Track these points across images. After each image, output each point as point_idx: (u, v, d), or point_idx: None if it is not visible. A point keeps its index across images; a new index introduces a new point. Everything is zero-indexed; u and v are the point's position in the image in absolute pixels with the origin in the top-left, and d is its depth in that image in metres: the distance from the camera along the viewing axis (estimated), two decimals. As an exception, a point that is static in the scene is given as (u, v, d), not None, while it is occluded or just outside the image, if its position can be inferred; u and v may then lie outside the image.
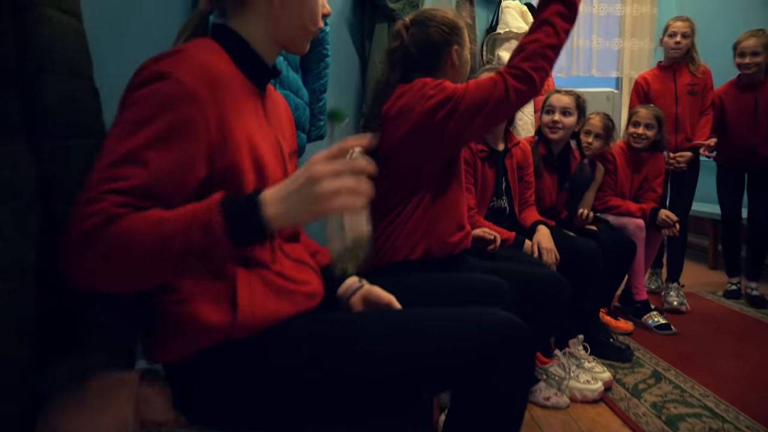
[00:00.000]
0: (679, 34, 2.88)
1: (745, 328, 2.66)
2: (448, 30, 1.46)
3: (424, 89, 1.34)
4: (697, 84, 2.90)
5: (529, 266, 1.52)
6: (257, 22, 0.93)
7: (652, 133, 2.64)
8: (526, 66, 1.26)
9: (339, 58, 1.92)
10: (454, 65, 1.47)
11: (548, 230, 1.99)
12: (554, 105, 2.25)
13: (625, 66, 5.04)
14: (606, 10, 4.97)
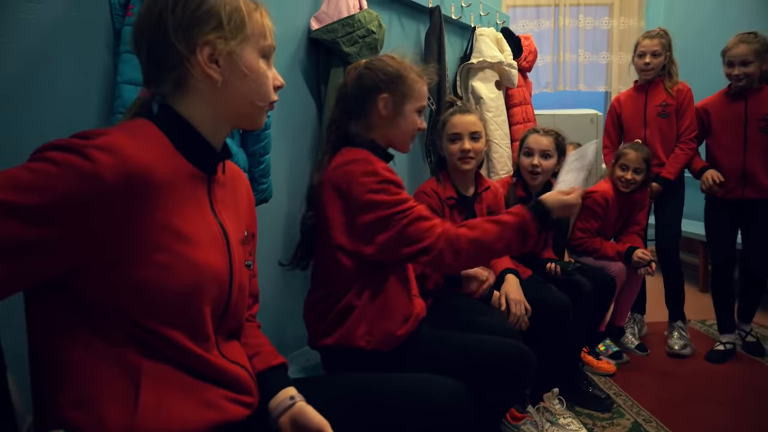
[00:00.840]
0: (648, 53, 2.64)
1: (738, 368, 2.53)
2: (383, 77, 1.37)
3: (367, 183, 1.28)
4: (669, 105, 2.65)
5: (486, 340, 1.41)
6: (201, 103, 0.87)
7: (641, 177, 2.50)
8: (465, 250, 1.26)
9: (293, 104, 1.82)
10: (381, 114, 1.38)
11: (517, 280, 1.88)
12: (533, 148, 2.13)
13: (614, 80, 4.94)
14: (593, 23, 4.87)
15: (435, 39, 2.39)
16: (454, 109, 1.96)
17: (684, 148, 2.64)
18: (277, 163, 1.75)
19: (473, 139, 1.89)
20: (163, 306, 0.79)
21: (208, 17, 0.84)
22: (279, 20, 1.79)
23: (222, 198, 0.94)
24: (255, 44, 0.89)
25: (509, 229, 1.28)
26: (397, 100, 1.37)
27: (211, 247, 0.86)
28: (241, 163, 1.39)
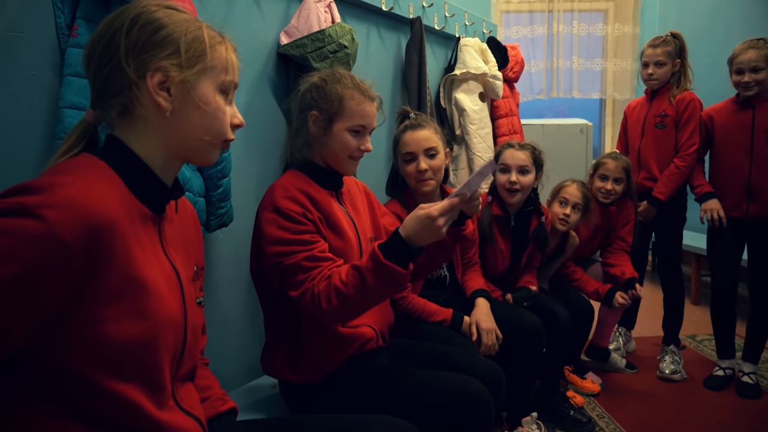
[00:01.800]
0: (651, 64, 2.49)
1: (731, 393, 2.41)
2: (314, 94, 1.34)
3: (267, 215, 1.26)
4: (668, 116, 2.48)
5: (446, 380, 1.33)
6: (149, 133, 0.83)
7: (621, 187, 2.40)
8: (333, 306, 1.17)
9: (261, 122, 1.77)
10: (311, 132, 1.34)
11: (488, 304, 1.82)
12: (509, 164, 2.03)
13: (608, 87, 4.88)
14: (587, 30, 4.81)
15: (416, 50, 2.33)
16: (405, 125, 1.80)
17: (680, 165, 2.45)
18: (245, 183, 1.70)
19: (430, 157, 1.74)
20: (120, 360, 0.75)
21: (165, 43, 0.81)
22: (247, 34, 1.76)
23: (171, 237, 0.89)
24: (214, 77, 0.85)
25: (367, 273, 1.14)
26: (325, 118, 1.33)
27: (167, 292, 0.82)
28: (196, 188, 1.33)
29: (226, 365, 1.65)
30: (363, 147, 1.37)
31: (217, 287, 1.64)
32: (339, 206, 1.41)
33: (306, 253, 1.22)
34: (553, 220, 2.25)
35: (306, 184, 1.34)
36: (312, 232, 1.26)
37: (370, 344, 1.40)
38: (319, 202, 1.32)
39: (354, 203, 1.49)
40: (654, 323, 2.83)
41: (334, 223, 1.34)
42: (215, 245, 1.63)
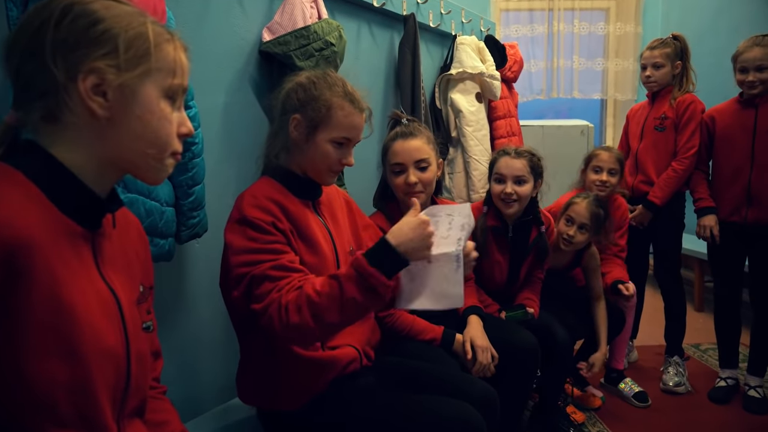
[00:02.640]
0: (649, 66, 2.42)
1: (737, 405, 2.31)
2: (300, 96, 1.23)
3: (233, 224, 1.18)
4: (668, 118, 2.38)
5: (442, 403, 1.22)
6: (80, 143, 0.72)
7: (616, 179, 2.30)
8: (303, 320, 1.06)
9: (242, 124, 1.66)
10: (292, 138, 1.24)
11: (481, 322, 1.71)
12: (504, 174, 1.89)
13: (610, 87, 4.77)
14: (588, 29, 4.70)
15: (409, 49, 2.23)
16: (395, 133, 1.67)
17: (677, 169, 2.35)
18: (222, 189, 1.59)
19: (420, 169, 1.63)
20: (50, 403, 0.65)
21: (102, 41, 0.69)
22: (227, 31, 1.64)
23: (110, 255, 0.78)
24: (159, 81, 0.74)
25: (346, 282, 1.03)
26: (308, 125, 1.22)
27: (101, 320, 0.72)
28: (164, 196, 1.23)
29: (201, 384, 1.55)
30: (345, 161, 1.27)
31: (194, 301, 1.54)
32: (315, 217, 1.31)
33: (273, 263, 1.11)
34: (557, 237, 2.11)
35: (279, 193, 1.23)
36: (282, 242, 1.15)
37: (353, 365, 1.30)
38: (292, 212, 1.21)
39: (333, 213, 1.39)
40: (656, 331, 2.72)
41: (307, 235, 1.23)
42: (191, 256, 1.52)
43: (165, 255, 1.26)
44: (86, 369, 0.68)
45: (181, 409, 1.46)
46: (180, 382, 1.50)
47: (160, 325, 1.46)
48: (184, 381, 1.50)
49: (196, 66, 1.50)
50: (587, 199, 2.09)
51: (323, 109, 1.21)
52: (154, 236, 1.21)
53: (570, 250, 2.12)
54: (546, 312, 2.01)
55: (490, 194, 1.97)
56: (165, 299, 1.47)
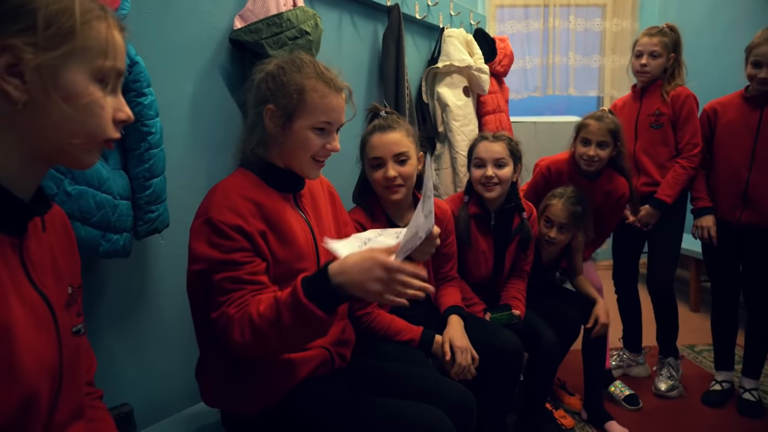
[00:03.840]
0: (645, 53, 2.25)
1: (732, 409, 2.24)
2: (271, 84, 1.15)
3: (197, 226, 1.10)
4: (663, 114, 2.23)
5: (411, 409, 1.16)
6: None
7: (606, 152, 2.08)
8: (249, 340, 1.00)
9: (212, 115, 1.60)
10: (267, 129, 1.16)
11: (462, 322, 1.64)
12: (483, 158, 1.84)
13: (606, 85, 4.70)
14: (584, 25, 4.62)
15: (393, 40, 2.16)
16: (373, 126, 1.60)
17: (686, 166, 2.20)
18: (192, 182, 1.53)
19: (399, 163, 1.55)
20: None
21: (18, 15, 0.62)
22: (196, 18, 1.56)
23: (39, 259, 0.72)
24: (87, 62, 0.67)
25: (284, 309, 0.96)
26: (283, 114, 1.14)
27: (38, 332, 0.66)
28: (117, 189, 1.16)
29: (166, 386, 1.48)
30: (329, 146, 1.18)
31: (158, 297, 1.47)
32: (295, 210, 1.23)
33: (231, 273, 1.05)
34: (540, 239, 2.05)
35: (255, 186, 1.16)
36: (245, 250, 1.08)
37: (323, 368, 1.23)
38: (267, 208, 1.15)
39: (316, 205, 1.32)
40: (648, 330, 2.61)
41: (283, 231, 1.16)
42: (154, 252, 1.45)
43: (120, 251, 1.19)
44: (30, 387, 0.63)
45: (144, 412, 1.41)
46: (142, 384, 1.43)
47: (122, 324, 1.41)
48: (146, 383, 1.44)
49: (160, 54, 1.45)
50: (563, 198, 2.00)
51: (295, 95, 1.13)
52: (107, 231, 1.14)
53: (555, 250, 2.05)
54: (533, 312, 1.94)
55: (470, 183, 1.92)
56: (126, 297, 1.40)
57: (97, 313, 1.34)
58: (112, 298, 1.36)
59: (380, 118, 1.60)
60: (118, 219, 1.16)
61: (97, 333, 1.34)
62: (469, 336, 1.62)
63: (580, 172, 2.17)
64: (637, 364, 2.55)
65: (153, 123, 1.20)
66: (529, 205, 2.00)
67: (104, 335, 1.36)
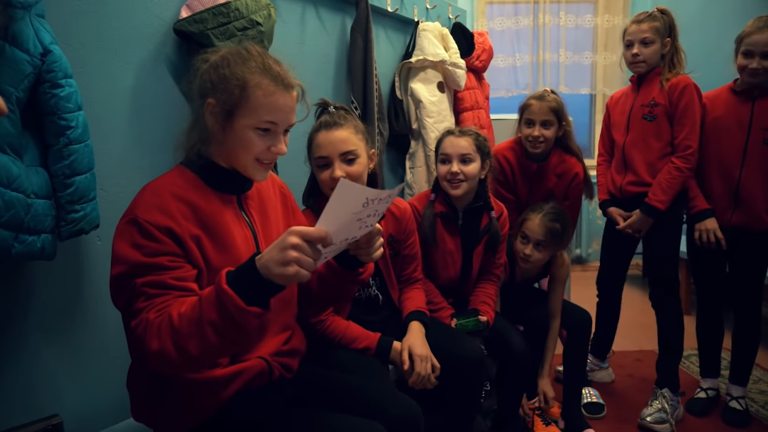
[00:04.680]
0: (636, 42, 2.04)
1: (717, 418, 2.13)
2: (213, 76, 1.05)
3: (122, 225, 1.01)
4: (658, 105, 2.02)
5: (345, 423, 1.08)
6: None
7: (551, 131, 2.01)
8: (166, 343, 0.90)
9: (156, 110, 1.52)
10: (208, 126, 1.07)
11: (423, 329, 1.56)
12: (449, 153, 1.76)
13: (599, 82, 4.61)
14: (574, 21, 4.53)
15: (361, 34, 2.07)
16: (318, 123, 1.50)
17: (681, 167, 1.99)
18: (133, 180, 1.44)
19: (347, 162, 1.46)
20: None
21: None
22: (139, 7, 1.46)
23: None
24: None
25: (205, 303, 0.88)
26: (223, 110, 1.04)
27: None
28: (31, 187, 1.08)
29: (100, 397, 1.39)
30: (274, 149, 1.08)
31: (94, 302, 1.38)
32: (238, 214, 1.14)
33: (154, 278, 0.95)
34: (514, 255, 1.97)
35: (191, 186, 1.07)
36: (172, 254, 0.99)
37: (259, 379, 1.15)
38: (203, 211, 1.05)
39: (263, 208, 1.22)
40: (635, 333, 2.51)
41: (220, 236, 1.07)
42: (91, 254, 1.37)
43: (38, 253, 1.11)
44: None
45: (75, 424, 1.32)
46: (74, 395, 1.35)
47: (53, 329, 1.32)
48: (79, 394, 1.36)
49: (97, 44, 1.36)
50: (541, 213, 1.91)
51: (236, 90, 1.03)
52: (20, 232, 1.06)
53: (530, 267, 1.96)
54: (502, 319, 1.85)
55: (437, 180, 1.84)
56: (59, 301, 1.32)
57: (25, 318, 1.26)
58: (41, 302, 1.28)
59: (327, 114, 1.50)
60: (33, 219, 1.07)
61: (27, 338, 1.27)
62: (430, 343, 1.54)
63: (528, 155, 2.08)
64: (600, 368, 2.46)
65: (73, 117, 1.12)
66: (499, 204, 1.91)
67: (32, 341, 1.28)
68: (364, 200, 0.85)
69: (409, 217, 1.67)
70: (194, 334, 0.87)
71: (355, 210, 0.86)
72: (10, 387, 1.24)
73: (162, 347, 0.89)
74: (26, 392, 1.27)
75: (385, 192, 0.88)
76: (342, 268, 1.16)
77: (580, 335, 2.02)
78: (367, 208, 0.88)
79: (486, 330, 1.74)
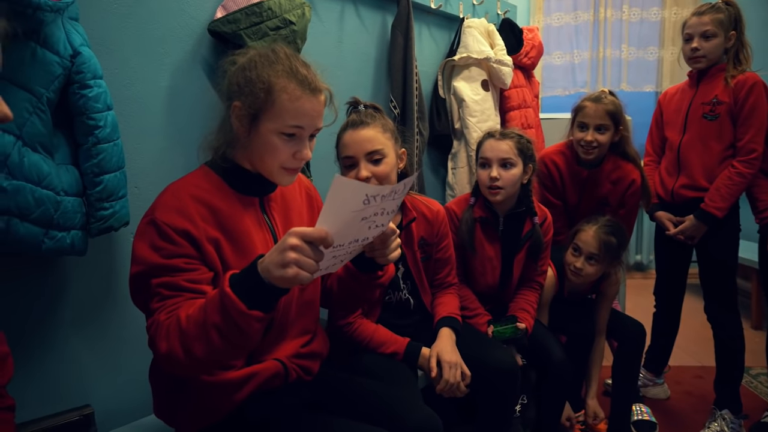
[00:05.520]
0: (696, 36, 1.91)
1: None
2: (240, 79, 1.04)
3: (142, 226, 1.02)
4: (722, 103, 1.87)
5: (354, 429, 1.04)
6: None
7: (606, 137, 1.87)
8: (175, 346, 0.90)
9: (192, 110, 1.54)
10: (233, 129, 1.06)
11: (453, 335, 1.50)
12: (489, 157, 1.68)
13: (665, 79, 4.32)
14: (639, 15, 4.29)
15: (401, 31, 2.03)
16: (346, 123, 1.45)
17: (744, 172, 1.84)
18: (170, 178, 1.43)
19: (373, 162, 1.40)
20: None
21: None
22: (174, 7, 1.48)
23: None
24: None
25: (210, 305, 0.87)
26: (249, 113, 1.03)
27: None
28: (62, 185, 1.11)
29: (131, 391, 1.43)
30: (299, 155, 1.06)
31: (126, 298, 1.40)
32: (259, 217, 1.13)
33: (168, 279, 0.96)
34: (566, 268, 1.86)
35: (214, 188, 1.07)
36: (189, 256, 0.99)
37: (274, 381, 1.13)
38: (224, 214, 1.05)
39: (286, 210, 1.20)
40: (696, 347, 2.33)
41: (239, 240, 1.07)
42: (124, 250, 1.41)
43: (68, 249, 1.14)
44: None
45: (106, 415, 1.36)
46: (106, 387, 1.39)
47: (86, 323, 1.37)
48: (110, 386, 1.40)
49: (134, 45, 1.40)
50: (596, 225, 1.79)
51: (262, 93, 1.01)
52: (50, 228, 1.09)
53: (580, 282, 1.85)
54: (542, 327, 1.76)
55: (477, 184, 1.76)
56: (93, 295, 1.36)
57: (60, 312, 1.31)
58: (73, 296, 1.33)
59: (355, 113, 1.47)
60: (63, 216, 1.11)
61: (59, 331, 1.31)
62: (461, 351, 1.48)
63: (579, 161, 1.95)
64: (655, 384, 2.29)
65: (101, 116, 1.15)
66: (543, 209, 1.81)
67: (67, 334, 1.32)
68: (364, 197, 0.80)
69: (442, 220, 1.61)
70: (200, 336, 0.87)
71: (356, 208, 0.82)
72: (42, 378, 1.29)
73: (170, 349, 0.89)
74: (57, 383, 1.31)
75: (387, 188, 0.83)
76: (360, 272, 1.13)
77: (632, 347, 1.89)
78: (370, 206, 0.83)
79: (524, 338, 1.65)
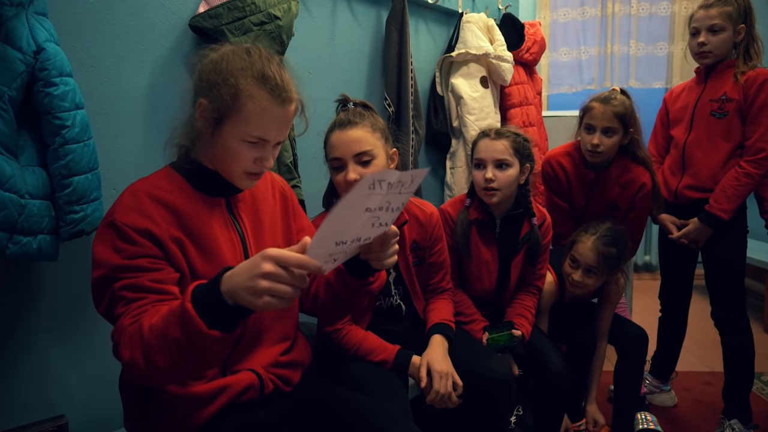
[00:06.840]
0: (703, 30, 1.81)
1: None
2: (208, 76, 0.98)
3: (101, 228, 0.97)
4: (731, 101, 1.77)
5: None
6: None
7: (614, 140, 1.77)
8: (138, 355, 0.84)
9: (171, 108, 1.47)
10: (197, 127, 1.00)
11: (445, 343, 1.43)
12: (483, 158, 1.61)
13: (675, 75, 4.22)
14: (648, 9, 4.18)
15: (396, 27, 1.97)
16: (333, 122, 1.39)
17: (752, 173, 1.76)
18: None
19: (362, 164, 1.34)
20: None
21: None
22: (156, 3, 1.43)
23: None
24: None
25: (171, 318, 0.80)
26: (213, 114, 0.97)
27: None
28: (25, 187, 1.06)
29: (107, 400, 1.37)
30: (261, 162, 1.01)
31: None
32: (226, 217, 1.07)
33: (132, 281, 0.91)
34: (565, 278, 1.78)
35: (176, 189, 1.01)
36: (151, 255, 0.94)
37: (248, 394, 1.07)
38: (186, 215, 0.99)
39: (256, 212, 1.13)
40: (705, 352, 2.25)
41: (204, 243, 1.01)
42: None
43: (35, 254, 1.09)
44: None
45: (81, 426, 1.31)
46: (81, 397, 1.34)
47: (60, 330, 1.31)
48: (86, 395, 1.35)
49: (112, 42, 1.34)
50: (595, 235, 1.69)
51: (228, 97, 0.95)
52: (14, 233, 1.04)
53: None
54: (541, 334, 1.69)
55: (473, 185, 1.69)
56: (66, 301, 1.31)
57: (35, 319, 1.26)
58: (49, 302, 1.28)
59: (343, 112, 1.40)
60: (27, 220, 1.06)
61: (32, 338, 1.27)
62: (453, 359, 1.41)
63: (586, 163, 1.86)
64: (661, 391, 2.20)
65: (68, 116, 1.09)
66: (542, 210, 1.74)
67: (40, 341, 1.28)
68: (370, 182, 0.71)
69: (436, 223, 1.54)
70: (161, 348, 0.81)
71: (362, 193, 0.72)
72: (17, 386, 1.24)
73: (133, 357, 0.84)
74: (33, 392, 1.27)
75: (394, 173, 0.73)
76: (350, 276, 1.06)
77: (634, 353, 1.81)
78: (375, 193, 0.73)
79: (520, 345, 1.58)
